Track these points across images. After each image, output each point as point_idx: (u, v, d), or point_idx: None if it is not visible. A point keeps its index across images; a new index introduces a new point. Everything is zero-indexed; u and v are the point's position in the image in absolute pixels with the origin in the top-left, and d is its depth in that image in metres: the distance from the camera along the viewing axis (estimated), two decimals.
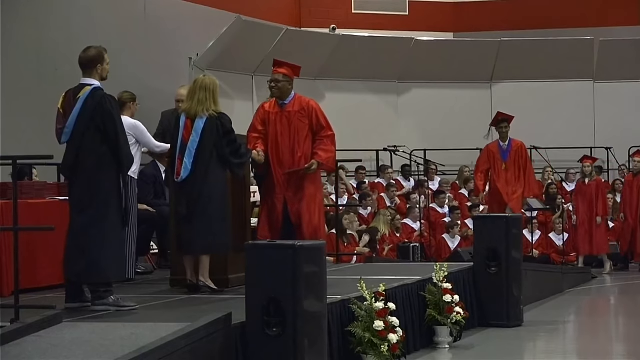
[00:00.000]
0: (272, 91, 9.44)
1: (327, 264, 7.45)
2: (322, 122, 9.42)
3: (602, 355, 9.92)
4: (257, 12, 19.63)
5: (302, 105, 9.44)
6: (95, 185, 7.78)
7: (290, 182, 9.38)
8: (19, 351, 6.29)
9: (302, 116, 9.37)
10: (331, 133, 9.43)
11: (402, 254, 16.10)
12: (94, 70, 7.93)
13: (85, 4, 15.33)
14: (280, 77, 9.46)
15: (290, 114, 9.40)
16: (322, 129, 9.40)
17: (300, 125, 9.35)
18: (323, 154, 9.36)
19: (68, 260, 7.87)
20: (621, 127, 20.64)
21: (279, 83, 9.43)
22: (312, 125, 9.38)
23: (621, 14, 22.37)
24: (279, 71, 9.46)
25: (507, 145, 14.78)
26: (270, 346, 6.80)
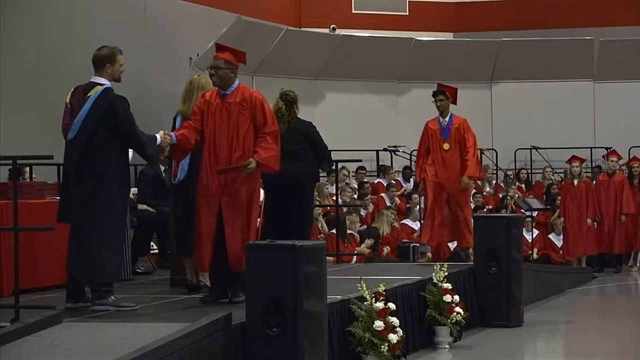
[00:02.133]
0: (212, 79, 8.35)
1: (327, 264, 7.45)
2: (266, 116, 8.20)
3: (602, 355, 9.92)
4: (257, 12, 19.63)
5: (244, 96, 8.23)
6: (102, 186, 7.78)
7: (227, 184, 8.15)
8: (19, 351, 6.29)
9: (244, 108, 8.16)
10: (274, 129, 8.22)
11: (402, 254, 16.08)
12: (104, 69, 7.92)
13: (85, 4, 15.33)
14: (222, 64, 8.29)
15: (231, 105, 8.19)
16: (265, 124, 8.17)
17: (241, 119, 8.14)
18: (263, 152, 8.11)
19: (70, 259, 7.87)
20: (621, 127, 20.63)
21: (219, 70, 8.27)
22: (254, 119, 8.16)
23: (621, 14, 22.37)
24: (220, 57, 8.35)
25: (447, 121, 12.69)
26: (270, 346, 6.80)
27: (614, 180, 17.45)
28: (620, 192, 17.34)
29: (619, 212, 17.31)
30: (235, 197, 8.09)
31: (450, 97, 12.65)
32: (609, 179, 17.53)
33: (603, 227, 17.38)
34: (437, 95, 12.67)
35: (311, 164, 10.38)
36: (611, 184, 17.41)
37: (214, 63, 8.33)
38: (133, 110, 7.98)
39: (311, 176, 10.47)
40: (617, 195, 17.34)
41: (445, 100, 12.62)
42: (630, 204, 17.30)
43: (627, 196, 17.33)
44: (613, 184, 17.39)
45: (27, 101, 14.14)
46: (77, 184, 7.86)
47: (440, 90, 12.70)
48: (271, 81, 18.83)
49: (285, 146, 10.17)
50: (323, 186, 15.79)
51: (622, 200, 17.30)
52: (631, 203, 17.32)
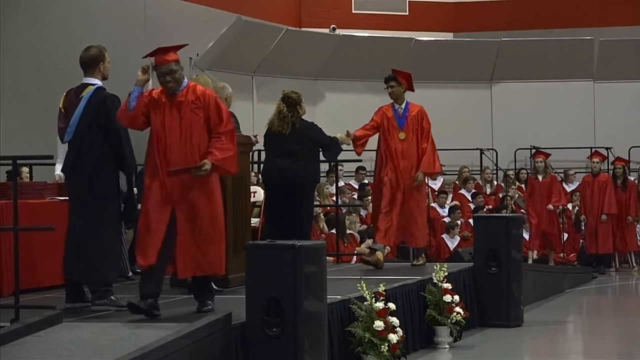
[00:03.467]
0: (168, 86, 7.49)
1: (327, 264, 7.45)
2: (221, 115, 7.55)
3: (602, 355, 9.92)
4: (257, 12, 19.63)
5: (196, 94, 7.55)
6: (96, 185, 7.79)
7: (180, 188, 7.44)
8: (19, 351, 6.29)
9: (197, 107, 7.50)
10: (230, 128, 7.56)
11: (402, 254, 16.08)
12: (96, 69, 7.94)
13: (85, 4, 15.33)
14: (174, 66, 7.53)
15: (182, 104, 7.48)
16: (220, 123, 7.50)
17: (194, 119, 7.46)
18: (219, 153, 7.44)
19: (68, 260, 7.87)
20: (621, 127, 20.63)
21: (174, 74, 7.50)
22: (208, 118, 7.50)
23: (621, 14, 22.37)
24: (169, 59, 7.53)
25: (403, 109, 11.63)
26: (270, 346, 6.81)
27: (598, 180, 17.50)
28: (604, 192, 17.38)
29: (601, 212, 17.35)
30: (190, 201, 7.38)
31: (404, 84, 11.62)
32: (593, 180, 17.57)
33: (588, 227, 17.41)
34: (389, 81, 11.62)
35: (313, 165, 10.39)
36: (595, 184, 17.45)
37: (166, 68, 7.48)
38: None
39: (312, 177, 10.48)
40: (601, 196, 17.38)
41: (397, 87, 11.58)
42: (612, 204, 17.35)
43: (609, 196, 17.38)
44: (598, 184, 17.43)
45: (27, 101, 14.14)
46: (74, 186, 7.87)
47: (392, 76, 11.67)
48: (271, 81, 18.85)
49: (288, 146, 10.20)
50: (323, 186, 15.79)
51: (604, 201, 17.35)
52: (613, 203, 17.37)
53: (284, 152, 10.18)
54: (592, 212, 17.42)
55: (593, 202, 17.43)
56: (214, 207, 7.48)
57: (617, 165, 17.89)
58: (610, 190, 17.39)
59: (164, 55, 7.53)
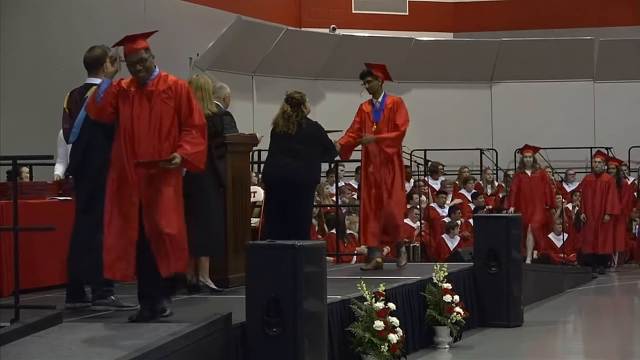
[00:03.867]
0: (139, 76, 7.15)
1: (327, 264, 7.45)
2: (192, 107, 7.17)
3: (602, 355, 9.92)
4: (257, 12, 19.63)
5: (168, 84, 7.20)
6: (99, 184, 7.78)
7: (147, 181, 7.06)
8: (19, 351, 6.29)
9: (168, 97, 7.12)
10: (201, 123, 7.16)
11: None
12: (100, 69, 7.93)
13: (85, 3, 15.33)
14: (144, 54, 7.16)
15: (153, 94, 7.11)
16: (191, 116, 7.12)
17: (164, 109, 7.08)
18: (189, 147, 7.04)
19: (73, 259, 7.87)
20: (621, 127, 20.64)
21: (145, 62, 7.16)
22: (179, 110, 7.12)
23: (621, 14, 22.37)
24: (139, 47, 7.16)
25: (380, 102, 11.24)
26: (270, 346, 6.81)
27: (601, 180, 17.44)
28: (607, 193, 17.34)
29: (603, 212, 17.31)
30: (158, 195, 6.99)
31: (380, 76, 11.17)
32: (595, 180, 17.50)
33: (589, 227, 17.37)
34: (365, 77, 11.19)
35: (313, 165, 10.38)
36: (598, 184, 17.40)
37: (136, 57, 7.12)
38: None
39: (312, 177, 10.49)
40: (604, 196, 17.33)
41: (374, 81, 11.14)
42: (615, 205, 17.32)
43: (612, 197, 17.35)
44: (600, 184, 17.38)
45: (27, 101, 14.14)
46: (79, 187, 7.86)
47: (366, 71, 11.21)
48: (271, 81, 18.86)
49: (291, 145, 10.19)
50: (323, 186, 15.80)
51: (607, 201, 17.31)
52: (616, 204, 17.35)
53: (287, 151, 10.18)
54: (593, 212, 17.36)
55: (595, 202, 17.36)
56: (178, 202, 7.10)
57: (610, 165, 17.86)
58: (613, 190, 17.35)
59: (132, 44, 7.16)
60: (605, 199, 17.27)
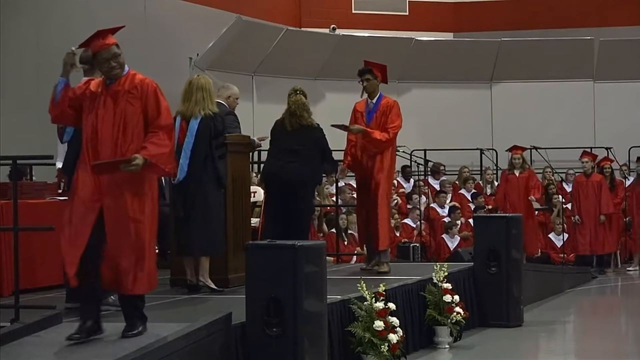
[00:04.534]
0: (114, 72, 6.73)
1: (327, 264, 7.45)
2: (159, 107, 6.71)
3: (602, 355, 9.92)
4: (257, 12, 19.63)
5: (134, 83, 6.74)
6: None
7: (108, 185, 6.51)
8: (19, 351, 6.29)
9: (134, 97, 6.67)
10: (168, 123, 6.71)
11: (402, 254, 16.10)
12: (96, 70, 7.92)
13: (85, 3, 15.33)
14: (116, 49, 6.73)
15: (118, 94, 6.66)
16: (158, 116, 6.65)
17: (129, 110, 6.62)
18: (153, 148, 6.52)
19: None
20: (621, 127, 20.63)
21: (119, 58, 6.72)
22: (145, 110, 6.66)
23: (621, 14, 22.37)
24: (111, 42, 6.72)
25: (374, 103, 10.95)
26: (270, 346, 6.80)
27: (591, 180, 17.42)
28: (599, 193, 17.31)
29: (598, 213, 17.27)
30: (120, 200, 6.46)
31: (379, 77, 10.91)
32: (586, 180, 17.48)
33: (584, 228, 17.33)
34: (364, 74, 10.87)
35: (313, 165, 10.36)
36: (589, 185, 17.37)
37: (109, 53, 6.67)
38: None
39: (311, 177, 10.48)
40: (596, 196, 17.30)
41: (373, 80, 10.85)
42: (609, 205, 17.29)
43: (605, 197, 17.32)
44: (591, 185, 17.36)
45: (27, 101, 14.13)
46: None
47: (366, 68, 10.90)
48: (271, 81, 18.86)
49: (292, 146, 10.16)
50: (323, 186, 15.79)
51: (601, 201, 17.28)
52: (611, 203, 17.33)
53: (287, 151, 10.16)
54: (588, 214, 17.32)
55: (589, 204, 17.33)
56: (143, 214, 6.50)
57: (605, 165, 17.84)
58: (605, 190, 17.34)
59: (104, 40, 6.68)
60: (598, 199, 17.26)
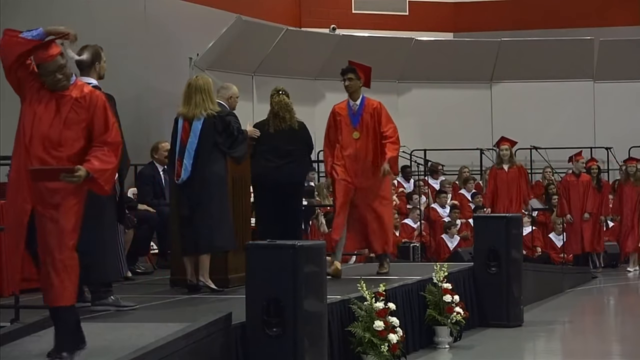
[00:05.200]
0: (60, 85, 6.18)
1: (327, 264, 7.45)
2: (107, 122, 6.21)
3: (602, 355, 9.93)
4: (257, 12, 19.61)
5: (83, 92, 6.20)
6: None
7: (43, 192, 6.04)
8: (19, 351, 6.29)
9: (80, 107, 6.13)
10: (116, 140, 6.22)
11: (402, 254, 16.10)
12: (92, 68, 7.95)
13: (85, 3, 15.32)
14: (61, 60, 6.21)
15: (63, 98, 6.14)
16: (105, 132, 6.16)
17: (70, 116, 6.12)
18: (98, 163, 6.05)
19: None
20: (621, 127, 20.62)
21: (65, 69, 6.21)
22: (91, 123, 6.15)
23: (621, 14, 22.36)
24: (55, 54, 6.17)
25: (358, 105, 10.42)
26: (270, 346, 6.80)
27: (581, 180, 17.45)
28: (587, 192, 17.34)
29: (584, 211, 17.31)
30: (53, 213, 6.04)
31: (362, 77, 10.44)
32: (576, 180, 17.50)
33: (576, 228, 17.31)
34: (346, 73, 10.45)
35: (304, 165, 10.38)
36: (579, 184, 17.40)
37: (54, 65, 6.14)
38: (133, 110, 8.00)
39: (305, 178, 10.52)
40: (585, 196, 17.34)
41: (355, 80, 10.40)
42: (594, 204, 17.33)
43: (592, 196, 17.38)
44: (581, 184, 17.40)
45: None
46: None
47: (350, 67, 10.50)
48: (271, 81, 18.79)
49: (283, 146, 10.17)
50: (323, 186, 15.79)
51: (587, 200, 17.31)
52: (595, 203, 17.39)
53: (278, 152, 10.13)
54: (578, 213, 17.33)
55: (578, 203, 17.36)
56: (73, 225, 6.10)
57: (592, 166, 17.87)
58: (592, 190, 17.42)
59: (48, 51, 6.13)
60: (586, 198, 17.31)
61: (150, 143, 12.51)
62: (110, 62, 8.14)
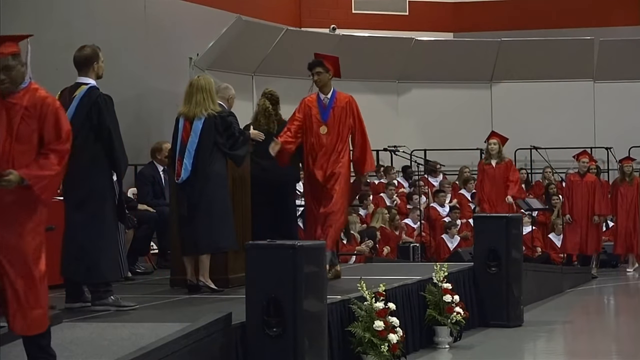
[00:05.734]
0: (2, 87, 5.73)
1: None
2: (59, 129, 5.83)
3: (602, 355, 9.92)
4: (257, 12, 19.62)
5: (34, 100, 5.77)
6: (90, 183, 7.79)
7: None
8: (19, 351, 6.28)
9: (30, 116, 5.73)
10: (64, 148, 5.84)
11: (402, 254, 16.10)
12: (90, 68, 7.95)
13: (85, 4, 15.32)
14: (10, 61, 5.77)
15: (14, 107, 5.74)
16: (56, 139, 5.80)
17: (23, 128, 5.73)
18: (35, 169, 5.71)
19: (66, 260, 7.86)
20: (621, 127, 20.63)
21: (11, 71, 5.75)
22: (42, 131, 5.77)
23: (621, 14, 22.37)
24: (5, 52, 5.76)
25: (329, 99, 9.87)
26: (270, 346, 6.81)
27: (585, 180, 17.37)
28: (593, 193, 17.26)
29: (591, 213, 17.21)
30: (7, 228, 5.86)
31: (330, 70, 9.90)
32: (580, 180, 17.41)
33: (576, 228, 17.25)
34: (314, 67, 9.89)
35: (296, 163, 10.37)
36: (583, 185, 17.33)
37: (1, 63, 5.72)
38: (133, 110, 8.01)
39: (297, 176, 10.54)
40: (590, 196, 17.25)
41: (324, 74, 9.85)
42: (601, 206, 17.26)
43: (599, 197, 17.27)
44: (585, 185, 17.33)
45: None
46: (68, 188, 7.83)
47: (317, 61, 9.95)
48: (271, 81, 18.80)
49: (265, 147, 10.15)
50: None
51: (595, 202, 17.22)
52: (604, 205, 17.31)
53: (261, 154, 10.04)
54: (580, 213, 17.24)
55: (582, 203, 17.26)
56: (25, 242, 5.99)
57: (590, 166, 17.79)
58: (599, 191, 17.32)
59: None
60: (592, 199, 17.21)
61: (151, 143, 12.51)
62: (110, 62, 8.14)
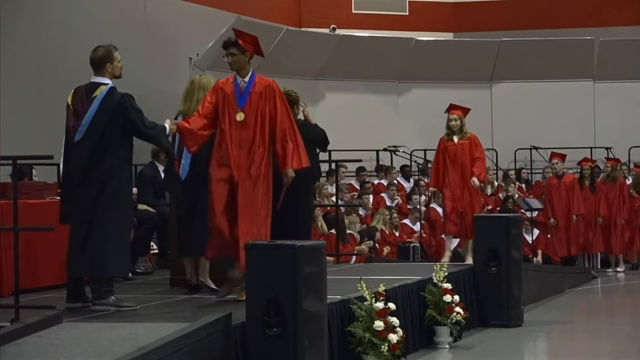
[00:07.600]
0: None
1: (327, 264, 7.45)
2: None
3: (602, 355, 9.93)
4: (257, 12, 19.63)
5: None
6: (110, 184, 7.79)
7: None
8: (19, 351, 6.29)
9: None
10: None
11: (402, 254, 16.09)
12: (104, 68, 7.96)
13: (85, 4, 15.33)
14: None
15: None
16: None
17: None
18: None
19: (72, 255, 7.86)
20: (621, 127, 20.64)
21: None
22: None
23: (621, 14, 22.37)
24: None
25: (246, 83, 8.61)
26: (270, 346, 6.80)
27: (564, 181, 17.39)
28: (572, 194, 17.29)
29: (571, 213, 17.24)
30: None
31: (248, 49, 8.64)
32: (558, 181, 17.43)
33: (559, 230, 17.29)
34: (228, 48, 8.59)
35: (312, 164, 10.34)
36: (562, 186, 17.35)
37: None
38: None
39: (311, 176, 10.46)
40: (569, 197, 17.28)
41: (239, 55, 8.59)
42: (580, 205, 17.27)
43: (577, 197, 17.30)
44: (564, 186, 17.34)
45: (27, 101, 14.13)
46: (83, 186, 7.84)
47: (232, 40, 8.61)
48: None
49: None
50: (322, 186, 15.79)
51: (573, 201, 17.26)
52: (581, 204, 17.31)
53: None
54: (562, 215, 17.28)
55: (562, 205, 17.30)
56: None
57: (584, 166, 17.83)
58: (577, 191, 17.35)
59: None
60: (572, 199, 17.24)
61: None
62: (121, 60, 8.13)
